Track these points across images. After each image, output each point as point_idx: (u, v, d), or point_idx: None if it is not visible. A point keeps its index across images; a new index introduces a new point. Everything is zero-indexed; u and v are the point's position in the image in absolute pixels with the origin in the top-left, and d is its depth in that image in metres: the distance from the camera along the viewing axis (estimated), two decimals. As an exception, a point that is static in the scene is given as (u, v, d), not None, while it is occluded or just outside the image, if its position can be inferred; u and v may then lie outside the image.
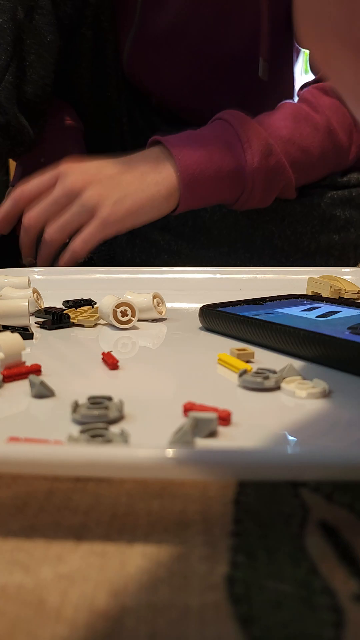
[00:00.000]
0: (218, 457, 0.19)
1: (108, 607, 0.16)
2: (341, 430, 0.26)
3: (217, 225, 0.74)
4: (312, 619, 0.16)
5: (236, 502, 0.22)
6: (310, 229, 0.73)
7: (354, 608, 0.16)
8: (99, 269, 0.67)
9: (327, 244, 0.73)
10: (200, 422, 0.24)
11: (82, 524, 0.20)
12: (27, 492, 0.22)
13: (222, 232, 0.74)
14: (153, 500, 0.22)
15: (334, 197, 0.74)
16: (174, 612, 0.16)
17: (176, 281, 0.62)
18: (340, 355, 0.33)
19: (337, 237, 0.73)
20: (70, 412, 0.26)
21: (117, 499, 0.22)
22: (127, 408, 0.28)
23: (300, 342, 0.36)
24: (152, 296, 0.47)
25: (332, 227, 0.73)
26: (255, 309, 0.44)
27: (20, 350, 0.34)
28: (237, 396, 0.30)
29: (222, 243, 0.74)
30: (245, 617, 0.16)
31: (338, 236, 0.73)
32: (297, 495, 0.22)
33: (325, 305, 0.46)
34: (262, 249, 0.73)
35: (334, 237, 0.73)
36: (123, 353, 0.39)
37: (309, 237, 0.73)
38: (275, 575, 0.18)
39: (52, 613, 0.16)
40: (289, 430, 0.26)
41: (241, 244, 0.74)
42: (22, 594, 0.17)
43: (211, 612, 0.16)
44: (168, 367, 0.37)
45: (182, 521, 0.20)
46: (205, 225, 0.74)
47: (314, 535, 0.20)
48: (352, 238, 0.73)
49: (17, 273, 0.64)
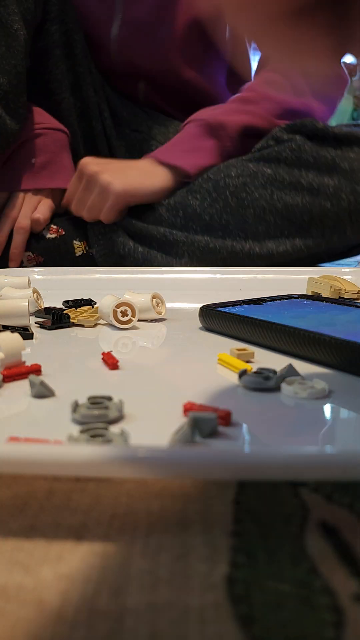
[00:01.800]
0: (218, 457, 0.19)
1: (108, 607, 0.16)
2: (341, 430, 0.26)
3: (207, 211, 0.75)
4: (312, 619, 0.16)
5: (236, 502, 0.22)
6: (301, 200, 0.73)
7: (354, 608, 0.16)
8: (99, 269, 0.68)
9: (320, 212, 0.72)
10: (200, 422, 0.24)
11: (82, 523, 0.20)
12: (27, 492, 0.22)
13: (213, 217, 0.75)
14: (153, 500, 0.22)
15: (320, 166, 0.73)
16: (174, 612, 0.16)
17: (176, 281, 0.62)
18: (340, 355, 0.33)
19: (329, 204, 0.72)
20: (70, 412, 0.26)
21: (117, 499, 0.22)
22: (127, 408, 0.28)
23: (300, 342, 0.36)
24: (151, 296, 0.47)
25: (323, 196, 0.72)
26: (255, 309, 0.44)
27: (20, 350, 0.34)
28: (237, 396, 0.30)
29: (215, 227, 0.75)
30: (245, 617, 0.16)
31: (330, 203, 0.72)
32: (297, 495, 0.22)
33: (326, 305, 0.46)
34: (256, 227, 0.73)
35: (325, 204, 0.72)
36: (123, 353, 0.39)
37: (300, 208, 0.73)
38: (275, 575, 0.18)
39: (52, 613, 0.16)
40: (289, 430, 0.26)
41: (234, 225, 0.74)
42: (22, 593, 0.17)
43: (211, 612, 0.16)
44: (168, 367, 0.37)
45: (182, 521, 0.20)
46: (196, 212, 0.75)
47: (314, 535, 0.20)
48: (345, 205, 0.72)
49: (17, 273, 0.64)
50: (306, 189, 0.73)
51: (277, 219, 0.73)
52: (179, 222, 0.76)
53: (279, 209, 0.73)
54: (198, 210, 0.75)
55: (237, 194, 0.74)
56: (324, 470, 0.19)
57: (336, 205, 0.72)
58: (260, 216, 0.74)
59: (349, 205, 0.72)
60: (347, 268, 0.66)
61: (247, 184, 0.74)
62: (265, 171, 0.75)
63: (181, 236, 0.75)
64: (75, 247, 0.80)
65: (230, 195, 0.74)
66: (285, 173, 0.74)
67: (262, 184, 0.74)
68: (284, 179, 0.74)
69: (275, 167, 0.75)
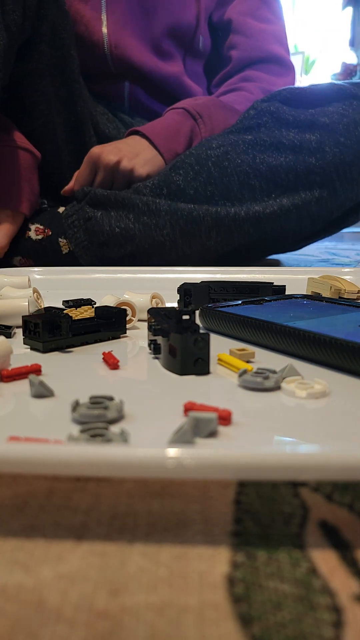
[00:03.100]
0: (218, 457, 0.19)
1: (108, 607, 0.16)
2: (341, 430, 0.26)
3: (191, 184, 0.74)
4: (312, 619, 0.16)
5: (236, 502, 0.22)
6: (285, 159, 0.72)
7: (354, 608, 0.16)
8: (99, 268, 0.68)
9: (305, 169, 0.71)
10: (200, 422, 0.24)
11: (82, 523, 0.20)
12: (27, 492, 0.22)
13: (197, 190, 0.74)
14: (153, 500, 0.22)
15: (300, 123, 0.73)
16: (174, 612, 0.16)
17: (176, 281, 0.62)
18: (340, 355, 0.33)
19: (313, 159, 0.71)
20: (70, 412, 0.26)
21: (117, 499, 0.22)
22: (127, 408, 0.28)
23: (300, 342, 0.36)
24: (150, 296, 0.47)
25: (306, 151, 0.71)
26: (255, 309, 0.44)
27: (7, 354, 0.33)
28: (237, 396, 0.30)
29: (201, 199, 0.74)
30: (245, 617, 0.16)
31: (314, 158, 0.71)
32: (297, 495, 0.22)
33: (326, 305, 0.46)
34: (242, 194, 0.73)
35: (310, 160, 0.71)
36: (123, 353, 0.39)
37: (284, 167, 0.72)
38: (275, 575, 0.18)
39: (52, 613, 0.16)
40: (289, 430, 0.26)
41: (219, 195, 0.73)
42: (22, 593, 0.17)
43: (211, 612, 0.16)
44: (168, 367, 0.37)
45: (182, 521, 0.20)
46: (180, 188, 0.75)
47: (314, 535, 0.20)
48: (330, 158, 0.71)
49: (17, 273, 0.64)
50: (288, 147, 0.72)
51: (262, 182, 0.72)
52: (164, 198, 0.75)
53: (262, 171, 0.72)
54: (182, 186, 0.75)
55: (219, 163, 0.74)
56: (324, 470, 0.19)
57: (321, 159, 0.71)
58: (244, 182, 0.73)
59: (334, 157, 0.71)
60: (347, 268, 0.66)
61: (228, 152, 0.74)
62: (245, 138, 0.74)
63: (164, 205, 0.74)
64: (61, 245, 0.79)
65: (213, 166, 0.74)
66: (266, 136, 0.74)
67: (243, 150, 0.74)
68: (264, 141, 0.73)
69: (255, 133, 0.74)
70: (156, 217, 0.73)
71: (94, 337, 0.41)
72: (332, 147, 0.71)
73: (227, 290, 0.51)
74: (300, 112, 0.73)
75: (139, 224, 0.74)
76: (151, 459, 0.19)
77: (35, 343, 0.39)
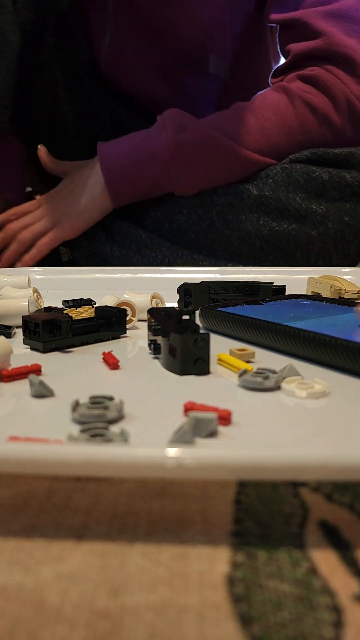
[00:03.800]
0: (218, 457, 0.19)
1: (108, 607, 0.16)
2: (341, 430, 0.26)
3: (192, 228, 0.74)
4: (312, 618, 0.16)
5: (236, 502, 0.22)
6: (287, 227, 0.72)
7: (354, 608, 0.16)
8: (99, 268, 0.67)
9: (306, 240, 0.72)
10: (200, 422, 0.24)
11: (82, 523, 0.20)
12: (27, 492, 0.22)
13: (198, 235, 0.74)
14: (153, 500, 0.22)
15: (309, 192, 0.72)
16: (174, 611, 0.16)
17: (176, 281, 0.62)
18: (340, 355, 0.33)
19: (315, 232, 0.71)
20: (70, 412, 0.26)
21: (117, 499, 0.22)
22: (127, 408, 0.28)
23: (300, 342, 0.36)
24: (150, 296, 0.47)
25: (309, 223, 0.72)
26: (255, 309, 0.44)
27: (7, 354, 0.33)
28: (237, 396, 0.30)
29: (201, 246, 0.74)
30: (245, 617, 0.16)
31: (316, 232, 0.71)
32: (297, 495, 0.22)
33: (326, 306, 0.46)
34: (241, 250, 0.73)
35: (312, 233, 0.71)
36: (123, 353, 0.39)
37: (286, 235, 0.72)
38: (275, 575, 0.18)
39: (52, 613, 0.16)
40: (289, 430, 0.26)
41: (219, 246, 0.74)
42: (22, 593, 0.17)
43: (211, 612, 0.16)
44: (168, 367, 0.37)
45: (182, 521, 0.20)
46: (181, 228, 0.75)
47: (314, 535, 0.20)
48: (331, 233, 0.71)
49: (17, 273, 0.64)
50: (293, 215, 0.72)
51: (263, 244, 0.72)
52: (165, 234, 0.75)
53: (264, 234, 0.72)
54: (184, 227, 0.75)
55: (223, 214, 0.73)
56: (324, 470, 0.19)
57: (323, 233, 0.71)
58: (245, 239, 0.73)
59: (336, 234, 0.71)
60: (347, 268, 0.66)
61: (233, 204, 0.73)
62: (251, 191, 0.73)
63: (166, 244, 0.74)
64: (62, 253, 0.80)
65: (217, 215, 0.74)
66: (272, 196, 0.72)
67: (248, 206, 0.73)
68: (270, 203, 0.72)
69: (262, 185, 0.73)
70: (156, 251, 0.74)
71: (94, 337, 0.41)
72: (336, 224, 0.71)
73: (227, 290, 0.51)
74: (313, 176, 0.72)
75: (140, 255, 0.75)
76: (151, 459, 0.19)
77: (35, 343, 0.39)
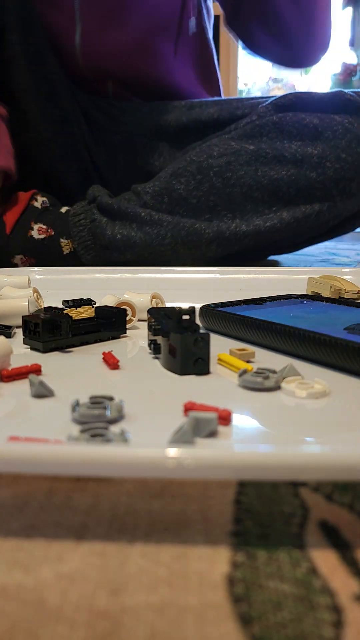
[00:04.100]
0: (218, 457, 0.19)
1: (108, 607, 0.16)
2: (341, 430, 0.26)
3: (193, 193, 0.74)
4: (312, 618, 0.16)
5: (236, 502, 0.22)
6: (286, 173, 0.72)
7: (354, 608, 0.16)
8: (99, 268, 0.67)
9: (306, 184, 0.71)
10: (200, 422, 0.24)
11: (82, 523, 0.20)
12: (27, 492, 0.22)
13: (200, 200, 0.74)
14: (153, 500, 0.22)
15: (303, 136, 0.72)
16: (174, 611, 0.16)
17: (176, 281, 0.62)
18: (339, 355, 0.33)
19: (314, 174, 0.71)
20: (70, 412, 0.26)
21: (117, 499, 0.22)
22: (127, 408, 0.28)
23: (300, 342, 0.36)
24: (150, 296, 0.47)
25: (307, 166, 0.71)
26: (255, 309, 0.44)
27: (7, 354, 0.33)
28: (237, 396, 0.30)
29: (203, 210, 0.74)
30: (245, 617, 0.16)
31: (315, 173, 0.71)
32: (297, 495, 0.22)
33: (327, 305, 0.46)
34: (244, 205, 0.73)
35: (311, 175, 0.71)
36: (123, 353, 0.39)
37: (286, 181, 0.72)
38: (275, 575, 0.18)
39: (52, 613, 0.16)
40: (289, 430, 0.26)
41: (221, 206, 0.73)
42: (22, 593, 0.17)
43: (211, 612, 0.16)
44: (168, 367, 0.37)
45: (182, 521, 0.20)
46: (181, 196, 0.74)
47: (314, 535, 0.20)
48: (330, 173, 0.71)
49: (17, 273, 0.64)
50: (290, 160, 0.72)
51: (265, 194, 0.72)
52: (165, 207, 0.75)
53: (264, 184, 0.72)
54: (184, 194, 0.74)
55: (221, 174, 0.73)
56: (324, 470, 0.19)
57: (322, 174, 0.71)
58: (246, 194, 0.73)
59: (335, 173, 0.71)
60: (347, 268, 0.66)
61: (231, 162, 0.73)
62: (247, 148, 0.74)
63: (167, 217, 0.74)
64: (63, 245, 0.79)
65: (215, 176, 0.74)
66: (268, 147, 0.73)
67: (246, 161, 0.73)
68: (267, 153, 0.72)
69: (257, 142, 0.74)
70: (158, 227, 0.74)
71: (94, 337, 0.41)
72: (334, 162, 0.71)
73: None
74: (304, 123, 0.73)
75: (141, 233, 0.74)
76: (151, 459, 0.19)
77: (35, 343, 0.39)
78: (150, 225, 0.74)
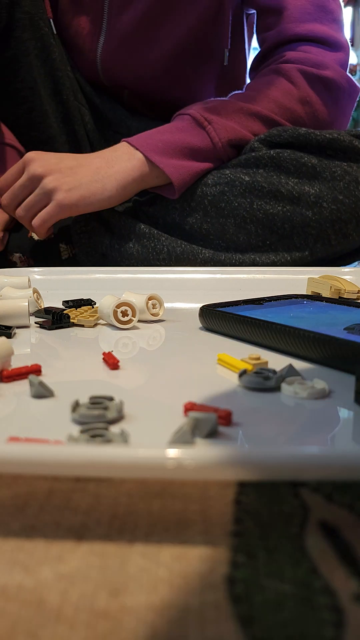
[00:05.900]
0: (218, 457, 0.19)
1: (108, 607, 0.16)
2: (341, 430, 0.26)
3: (187, 220, 0.74)
4: (312, 619, 0.16)
5: (236, 502, 0.22)
6: (282, 208, 0.71)
7: (354, 608, 0.16)
8: (99, 269, 0.68)
9: (302, 221, 0.71)
10: (200, 422, 0.24)
11: (82, 524, 0.20)
12: (27, 492, 0.22)
13: (193, 227, 0.74)
14: (153, 500, 0.22)
15: (301, 176, 0.71)
16: (174, 612, 0.16)
17: (176, 281, 0.62)
18: (339, 355, 0.33)
19: (310, 213, 0.70)
20: (70, 412, 0.26)
21: (117, 499, 0.22)
22: (127, 408, 0.28)
23: (300, 342, 0.36)
24: (146, 298, 0.46)
25: (304, 204, 0.71)
26: (255, 309, 0.44)
27: (8, 354, 0.33)
28: (237, 396, 0.30)
29: (196, 237, 0.74)
30: (245, 617, 0.16)
31: (311, 212, 0.70)
32: (297, 495, 0.22)
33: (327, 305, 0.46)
34: (237, 237, 0.72)
35: (307, 213, 0.70)
36: (123, 353, 0.39)
37: (281, 217, 0.71)
38: (275, 575, 0.18)
39: (52, 613, 0.16)
40: (289, 430, 0.26)
41: (214, 234, 0.73)
42: (22, 594, 0.17)
43: (211, 612, 0.16)
44: (168, 367, 0.37)
45: (182, 521, 0.20)
46: (175, 222, 0.74)
47: (314, 535, 0.20)
48: (326, 213, 0.70)
49: (17, 273, 0.64)
50: (286, 197, 0.71)
51: (259, 228, 0.72)
52: (160, 229, 0.75)
53: (259, 218, 0.71)
54: (177, 220, 0.74)
55: (215, 203, 0.73)
56: (324, 470, 0.19)
57: (318, 213, 0.70)
58: (240, 225, 0.72)
59: (331, 214, 0.70)
60: (347, 268, 0.66)
61: (225, 192, 0.73)
62: (243, 179, 0.73)
63: (163, 235, 0.74)
64: (61, 250, 0.80)
65: (209, 205, 0.73)
66: (264, 180, 0.72)
67: (240, 192, 0.72)
68: (262, 187, 0.72)
69: (253, 174, 0.73)
70: (155, 241, 0.74)
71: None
72: (330, 203, 0.70)
73: None
74: (302, 161, 0.72)
75: (139, 246, 0.74)
76: (151, 459, 0.19)
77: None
78: (148, 238, 0.74)
